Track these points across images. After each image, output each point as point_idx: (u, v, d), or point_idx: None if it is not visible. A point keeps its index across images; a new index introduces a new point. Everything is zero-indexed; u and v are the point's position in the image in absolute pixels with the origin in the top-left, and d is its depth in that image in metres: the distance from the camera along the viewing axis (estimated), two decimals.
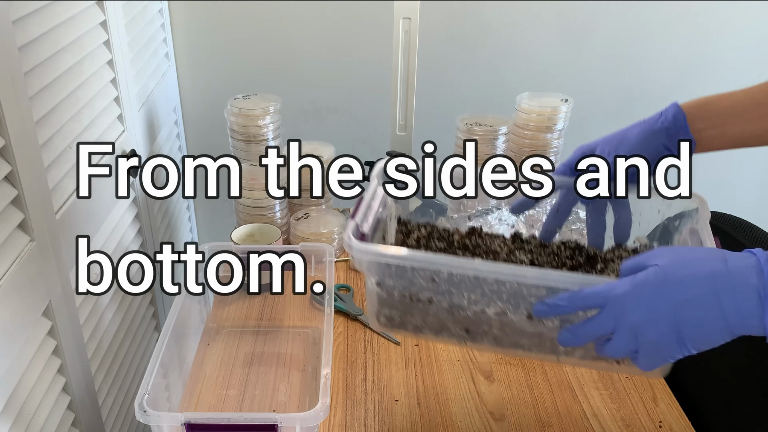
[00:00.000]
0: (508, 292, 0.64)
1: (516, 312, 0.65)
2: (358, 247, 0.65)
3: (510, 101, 1.26)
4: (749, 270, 0.52)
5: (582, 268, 0.76)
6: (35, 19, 0.80)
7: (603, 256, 0.79)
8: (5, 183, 0.73)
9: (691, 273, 0.54)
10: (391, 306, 0.69)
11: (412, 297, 0.68)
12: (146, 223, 1.23)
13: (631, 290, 0.55)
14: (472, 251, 0.80)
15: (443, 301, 0.67)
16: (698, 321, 0.53)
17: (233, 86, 1.48)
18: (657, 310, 0.54)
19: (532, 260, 0.79)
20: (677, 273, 0.54)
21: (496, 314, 0.66)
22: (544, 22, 1.50)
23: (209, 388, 0.89)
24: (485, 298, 0.65)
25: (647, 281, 0.55)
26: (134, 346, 1.16)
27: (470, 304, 0.66)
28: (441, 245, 0.81)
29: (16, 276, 0.73)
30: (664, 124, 0.74)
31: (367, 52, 1.50)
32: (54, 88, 0.86)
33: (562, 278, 0.61)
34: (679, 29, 1.51)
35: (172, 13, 1.45)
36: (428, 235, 0.83)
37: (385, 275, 0.67)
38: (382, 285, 0.68)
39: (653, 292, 0.54)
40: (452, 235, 0.83)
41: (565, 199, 0.81)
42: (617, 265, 0.76)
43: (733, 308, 0.51)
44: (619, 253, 0.79)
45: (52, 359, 0.83)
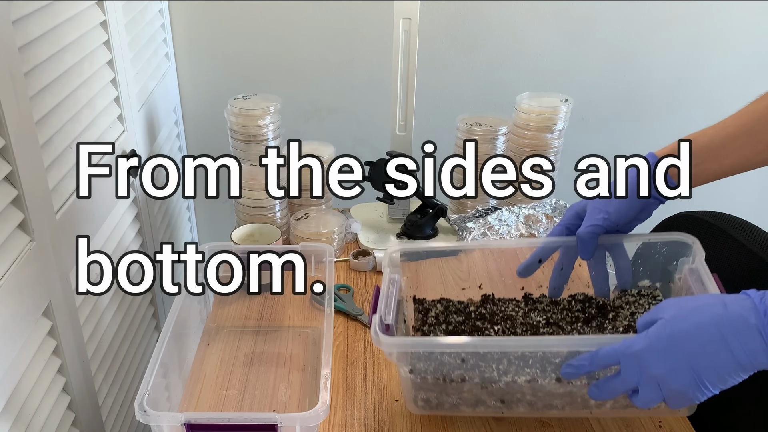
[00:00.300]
0: (533, 358, 0.69)
1: (545, 376, 0.70)
2: (389, 342, 0.69)
3: (510, 101, 1.26)
4: (748, 312, 0.56)
5: (596, 319, 0.81)
6: (35, 19, 0.80)
7: (612, 304, 0.84)
8: (5, 183, 0.73)
9: (697, 322, 0.58)
10: (427, 389, 0.74)
11: (445, 378, 0.72)
12: (146, 223, 1.23)
13: (646, 346, 0.60)
14: (490, 319, 0.84)
15: (475, 377, 0.71)
16: (713, 365, 0.57)
17: (233, 86, 1.48)
18: (674, 362, 0.59)
19: (548, 319, 0.83)
20: (683, 324, 0.59)
21: (527, 381, 0.71)
22: (544, 22, 1.50)
23: (209, 388, 0.89)
24: (513, 367, 0.70)
25: (659, 335, 0.60)
26: (134, 346, 1.16)
27: (501, 376, 0.71)
28: (459, 318, 0.85)
29: (16, 276, 0.73)
30: None
31: (367, 52, 1.50)
32: (54, 88, 0.86)
33: (582, 342, 0.68)
34: (680, 29, 1.51)
35: (172, 13, 1.45)
36: (445, 309, 0.88)
37: (416, 362, 0.72)
38: (414, 371, 0.72)
39: (666, 344, 0.59)
40: (468, 306, 0.88)
41: (566, 257, 0.85)
42: (627, 311, 0.82)
43: (741, 349, 0.56)
44: (626, 298, 0.84)
45: (52, 359, 0.83)
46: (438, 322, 0.85)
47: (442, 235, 1.23)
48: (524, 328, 0.82)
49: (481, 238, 1.21)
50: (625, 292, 0.85)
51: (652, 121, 1.62)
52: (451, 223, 1.23)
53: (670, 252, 0.82)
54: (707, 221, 1.01)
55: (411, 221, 1.21)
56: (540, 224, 1.22)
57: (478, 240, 1.02)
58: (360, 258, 1.14)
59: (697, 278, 0.75)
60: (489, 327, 0.82)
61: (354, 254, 1.15)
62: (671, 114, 1.61)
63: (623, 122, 1.62)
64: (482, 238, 1.21)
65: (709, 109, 1.59)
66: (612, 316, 0.82)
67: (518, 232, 1.23)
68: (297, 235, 1.14)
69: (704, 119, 1.69)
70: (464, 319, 0.85)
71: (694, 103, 1.60)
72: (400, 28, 1.10)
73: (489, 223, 1.21)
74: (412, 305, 0.89)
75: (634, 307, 0.82)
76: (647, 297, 0.84)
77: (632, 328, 0.79)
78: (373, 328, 0.70)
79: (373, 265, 1.14)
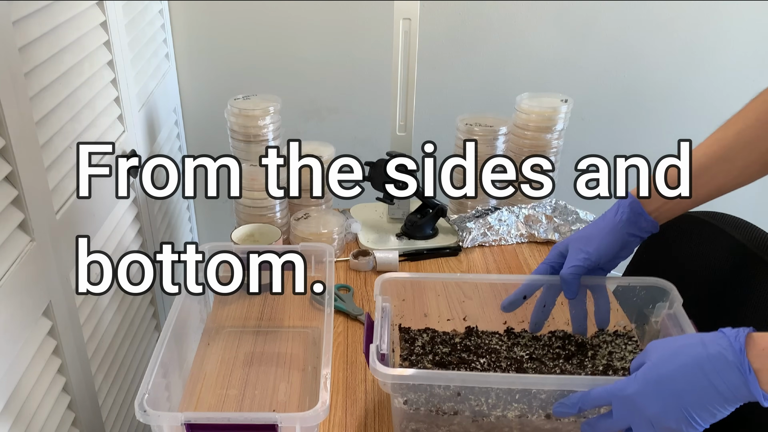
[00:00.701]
0: (520, 393, 0.72)
1: (533, 411, 0.73)
2: (391, 374, 0.71)
3: (510, 101, 1.26)
4: (725, 350, 0.59)
5: (576, 356, 0.87)
6: (35, 19, 0.80)
7: (590, 342, 0.89)
8: (5, 183, 0.73)
9: (681, 363, 0.62)
10: (418, 420, 0.75)
11: (438, 410, 0.74)
12: (146, 223, 1.23)
13: (638, 389, 0.63)
14: (475, 352, 0.88)
15: (466, 410, 0.74)
16: (701, 402, 0.60)
17: (233, 86, 1.48)
18: (663, 402, 0.62)
19: (531, 355, 0.87)
20: (669, 365, 0.62)
21: (517, 416, 0.73)
22: (544, 22, 1.50)
23: (209, 388, 0.89)
24: (501, 402, 0.73)
25: (647, 378, 0.63)
26: (134, 346, 1.16)
27: (490, 410, 0.73)
28: (446, 349, 0.88)
29: (16, 276, 0.73)
30: (622, 217, 0.81)
31: (367, 52, 1.50)
32: (54, 89, 0.86)
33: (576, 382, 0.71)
34: (680, 29, 1.51)
35: (172, 14, 1.45)
36: (431, 339, 0.90)
37: (410, 393, 0.74)
38: (408, 402, 0.74)
39: (655, 386, 0.62)
40: (453, 338, 0.91)
41: (549, 295, 0.88)
42: (605, 349, 0.87)
43: (724, 385, 0.59)
44: (603, 337, 0.89)
45: (52, 359, 0.83)
46: (425, 352, 0.88)
47: (442, 235, 1.23)
48: (509, 362, 0.86)
49: (481, 238, 1.21)
50: (602, 332, 0.90)
51: (652, 121, 1.62)
52: (451, 223, 1.23)
53: (648, 296, 0.86)
54: (707, 221, 1.01)
55: (411, 221, 1.21)
56: (540, 224, 1.22)
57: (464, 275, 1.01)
58: (360, 258, 1.14)
59: (676, 323, 0.79)
60: (475, 359, 0.86)
61: (354, 254, 1.15)
62: (671, 114, 1.61)
63: (623, 122, 1.62)
64: (481, 238, 1.21)
65: (708, 109, 1.59)
66: (591, 354, 0.87)
67: (518, 232, 1.23)
68: (297, 235, 1.14)
69: (703, 119, 1.70)
70: (450, 350, 0.88)
71: (694, 103, 1.60)
72: (400, 28, 1.10)
73: (489, 223, 1.21)
74: (398, 333, 0.91)
75: (612, 347, 0.88)
76: (623, 337, 0.89)
77: (611, 366, 0.84)
78: (372, 359, 0.72)
79: (373, 265, 1.14)
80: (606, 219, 0.83)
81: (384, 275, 0.87)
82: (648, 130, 1.63)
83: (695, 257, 1.03)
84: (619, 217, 0.81)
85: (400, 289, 0.89)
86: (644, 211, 0.80)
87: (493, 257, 1.19)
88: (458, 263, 1.17)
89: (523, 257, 1.19)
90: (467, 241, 1.19)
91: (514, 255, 1.20)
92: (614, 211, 0.82)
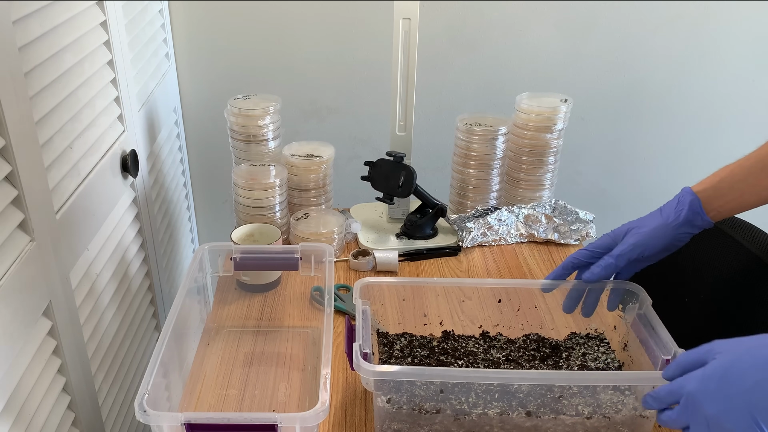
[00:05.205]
0: (500, 392, 0.74)
1: (513, 409, 0.74)
2: (375, 370, 0.71)
3: (510, 101, 1.26)
4: None
5: (550, 358, 0.89)
6: (35, 19, 0.80)
7: (564, 345, 0.92)
8: (5, 183, 0.73)
9: (751, 363, 0.59)
10: (400, 420, 0.76)
11: (420, 409, 0.75)
12: (146, 223, 1.23)
13: (701, 386, 0.61)
14: (453, 354, 0.90)
15: (447, 408, 0.74)
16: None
17: (233, 86, 1.48)
18: (729, 401, 0.58)
19: (507, 356, 0.90)
20: (738, 364, 0.59)
21: (497, 414, 0.74)
22: (544, 22, 1.50)
23: (209, 388, 0.89)
24: (481, 400, 0.74)
25: (713, 375, 0.60)
26: (134, 346, 1.16)
27: (471, 408, 0.74)
28: (424, 353, 0.90)
29: (16, 276, 0.73)
30: (680, 216, 0.82)
31: (367, 52, 1.50)
32: (54, 89, 0.86)
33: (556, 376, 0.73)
34: (680, 29, 1.51)
35: (172, 14, 1.45)
36: (409, 343, 0.92)
37: (393, 392, 0.75)
38: (391, 401, 0.75)
39: (719, 384, 0.59)
40: (430, 341, 0.93)
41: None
42: (579, 351, 0.90)
43: None
44: (576, 340, 0.92)
45: (52, 359, 0.83)
46: (403, 356, 0.89)
47: (442, 235, 1.23)
48: (486, 363, 0.89)
49: (481, 237, 1.21)
50: (574, 335, 0.93)
51: (652, 121, 1.62)
52: (450, 222, 1.23)
53: (615, 298, 0.89)
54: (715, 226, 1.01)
55: (411, 221, 1.21)
56: (539, 224, 1.22)
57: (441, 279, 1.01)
58: (360, 258, 1.14)
59: (647, 323, 0.82)
60: (453, 361, 0.88)
61: (354, 254, 1.15)
62: (671, 114, 1.61)
63: (623, 122, 1.62)
64: (481, 238, 1.21)
65: (708, 109, 1.59)
66: (566, 355, 0.90)
67: (518, 231, 1.23)
68: (297, 235, 1.14)
69: (703, 119, 1.70)
70: (428, 353, 0.90)
71: (694, 103, 1.60)
72: (400, 28, 1.10)
73: (489, 223, 1.21)
74: (376, 338, 0.92)
75: (585, 348, 0.91)
76: (595, 339, 0.93)
77: (586, 367, 0.88)
78: (356, 357, 0.73)
79: (373, 265, 1.14)
80: (663, 216, 0.84)
81: (362, 280, 0.88)
82: (648, 130, 1.63)
83: (702, 261, 1.03)
84: (677, 216, 0.82)
85: (377, 293, 0.89)
86: (702, 211, 0.82)
87: (493, 257, 1.19)
88: (458, 263, 1.17)
89: (522, 257, 1.19)
90: (467, 241, 1.19)
91: (513, 255, 1.20)
92: (673, 207, 0.83)
